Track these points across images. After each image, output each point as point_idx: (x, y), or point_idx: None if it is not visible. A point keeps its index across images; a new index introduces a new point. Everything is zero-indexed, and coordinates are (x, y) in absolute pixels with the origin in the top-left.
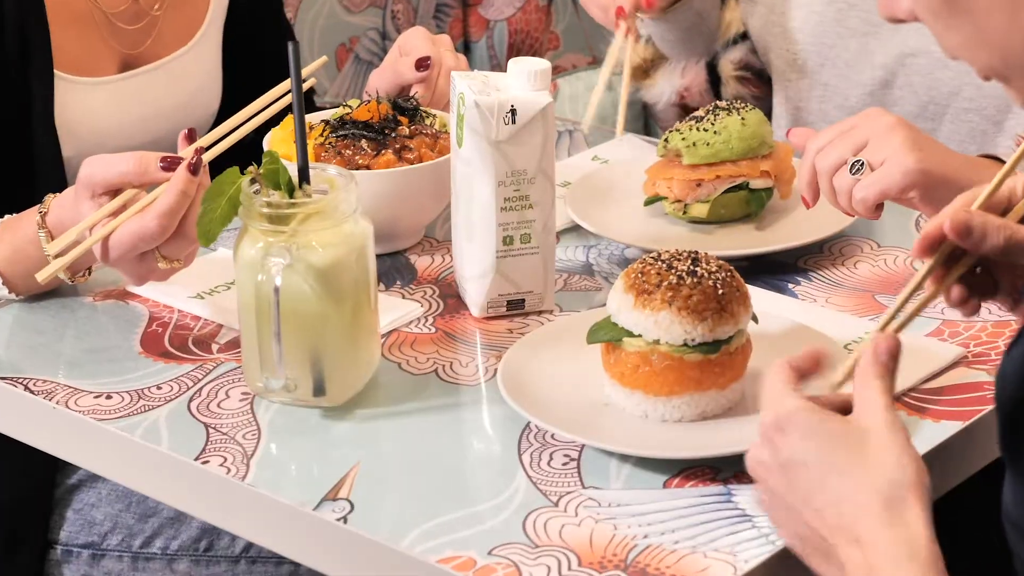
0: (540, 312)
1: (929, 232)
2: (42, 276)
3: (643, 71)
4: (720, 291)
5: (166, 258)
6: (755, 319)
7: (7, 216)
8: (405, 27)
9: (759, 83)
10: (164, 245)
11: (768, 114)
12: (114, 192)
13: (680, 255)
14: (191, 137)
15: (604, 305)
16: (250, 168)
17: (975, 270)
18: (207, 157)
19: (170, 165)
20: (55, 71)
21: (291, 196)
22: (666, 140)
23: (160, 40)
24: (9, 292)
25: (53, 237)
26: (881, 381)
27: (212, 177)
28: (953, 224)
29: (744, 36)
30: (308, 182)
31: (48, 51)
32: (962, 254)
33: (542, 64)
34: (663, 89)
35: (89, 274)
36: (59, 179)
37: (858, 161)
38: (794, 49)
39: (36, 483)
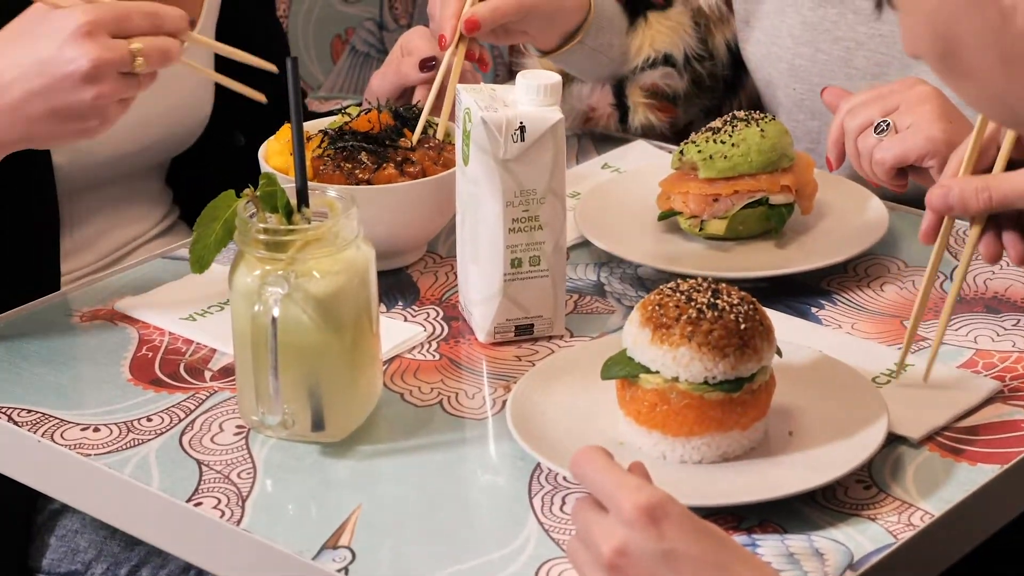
0: (550, 338)
1: (927, 219)
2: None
3: None
4: (742, 326)
5: (138, 49)
6: (779, 353)
7: None
8: (403, 17)
9: (672, 108)
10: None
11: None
12: None
13: (700, 286)
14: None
15: (618, 330)
16: (246, 191)
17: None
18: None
19: None
20: None
21: (289, 220)
22: (681, 152)
23: None
24: None
25: None
26: None
27: (206, 199)
28: (931, 203)
29: (659, 62)
30: (307, 205)
31: None
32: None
33: (552, 78)
34: (571, 107)
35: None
36: (50, 186)
37: (884, 122)
38: (801, 89)
39: (15, 507)
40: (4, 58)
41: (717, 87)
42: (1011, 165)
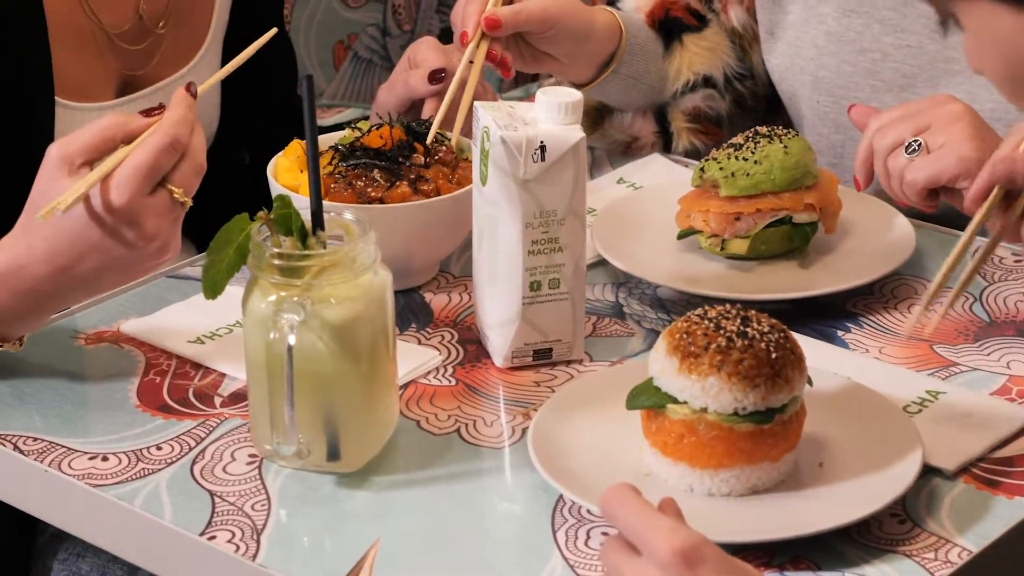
0: (569, 362)
1: (980, 184)
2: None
3: (592, 119)
4: (774, 355)
5: (178, 189)
6: (809, 382)
7: None
8: (407, 23)
9: (716, 130)
10: (174, 171)
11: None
12: (92, 164)
13: (728, 313)
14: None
15: (638, 354)
16: (260, 213)
17: None
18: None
19: (150, 112)
20: (56, 97)
21: (303, 243)
22: (702, 169)
23: (163, 60)
24: None
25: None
26: None
27: (209, 215)
28: (994, 173)
29: (699, 84)
30: (323, 228)
31: (49, 76)
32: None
33: (573, 95)
34: (613, 138)
35: (21, 344)
36: None
37: (915, 141)
38: (825, 102)
39: (15, 529)
40: (53, 245)
41: (760, 106)
42: None
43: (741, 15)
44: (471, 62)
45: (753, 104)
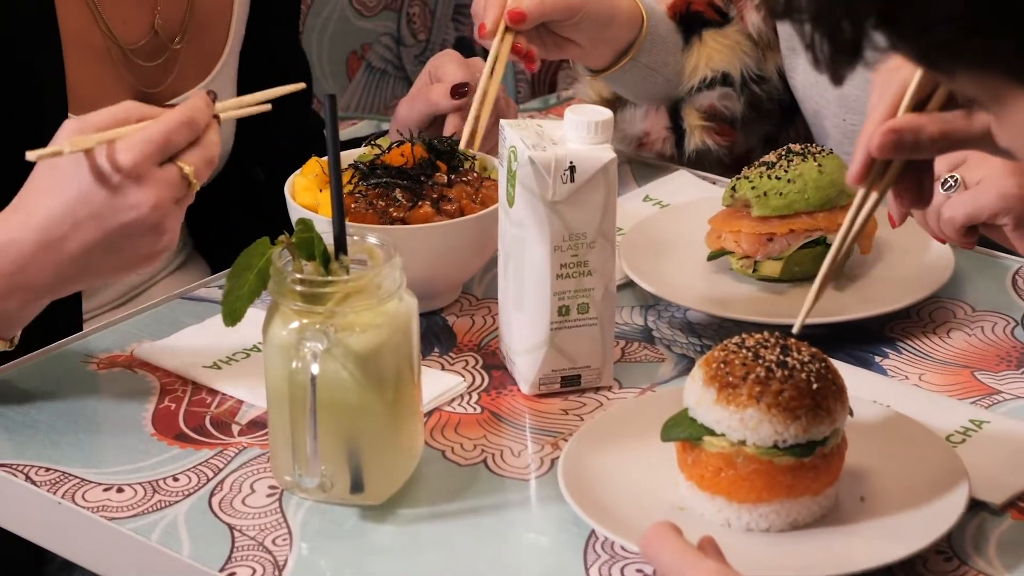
0: (597, 389)
1: (861, 158)
2: (33, 155)
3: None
4: (815, 385)
5: (188, 167)
6: (851, 412)
7: None
8: (422, 32)
9: (730, 131)
10: (185, 153)
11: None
12: None
13: (767, 341)
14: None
15: (669, 381)
16: (281, 237)
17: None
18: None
19: (167, 106)
20: (69, 114)
21: (326, 268)
22: (733, 188)
23: (179, 76)
24: None
25: None
26: None
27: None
28: (882, 146)
29: (717, 81)
30: (345, 252)
31: (63, 93)
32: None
33: (604, 114)
34: (623, 132)
35: (12, 344)
36: None
37: (952, 177)
38: (852, 120)
39: (24, 556)
40: (51, 211)
41: (775, 111)
42: None
43: (758, 22)
44: (493, 66)
45: (769, 108)
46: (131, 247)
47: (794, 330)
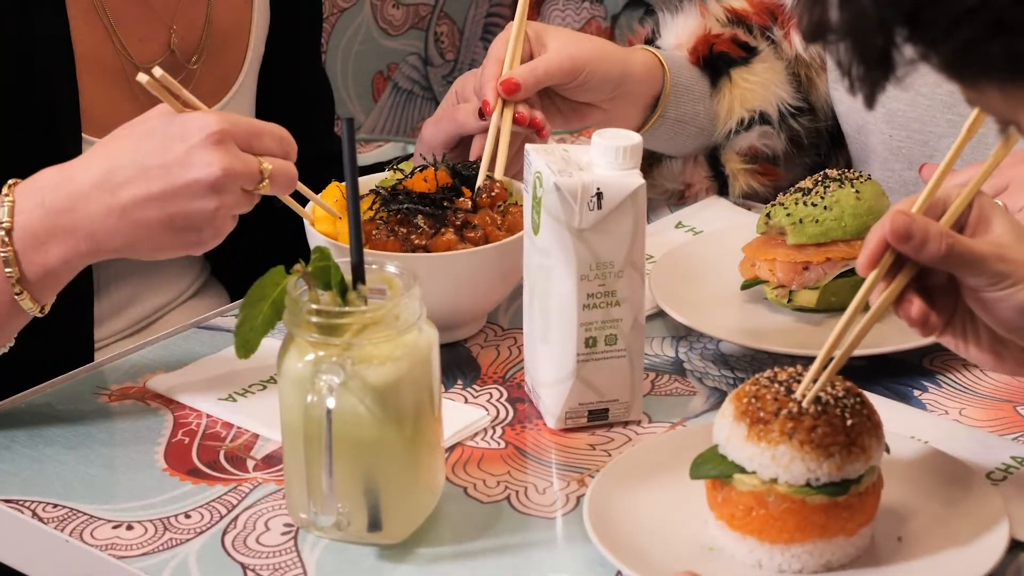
0: (626, 423)
1: (873, 243)
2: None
3: (640, 169)
4: (849, 422)
5: (267, 164)
6: (887, 449)
7: None
8: (450, 52)
9: (774, 170)
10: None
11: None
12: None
13: (800, 375)
14: None
15: (700, 415)
16: (296, 266)
17: (932, 287)
18: None
19: None
20: (83, 135)
21: (343, 298)
22: (768, 215)
23: (195, 96)
24: None
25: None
26: None
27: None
28: (893, 227)
29: (755, 121)
30: (363, 282)
31: (76, 113)
32: (906, 262)
33: (632, 138)
34: (664, 188)
35: (43, 312)
36: None
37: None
38: (899, 136)
39: None
40: (121, 158)
41: (820, 142)
42: None
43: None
44: (495, 142)
45: (810, 142)
46: (184, 215)
47: (804, 403)
